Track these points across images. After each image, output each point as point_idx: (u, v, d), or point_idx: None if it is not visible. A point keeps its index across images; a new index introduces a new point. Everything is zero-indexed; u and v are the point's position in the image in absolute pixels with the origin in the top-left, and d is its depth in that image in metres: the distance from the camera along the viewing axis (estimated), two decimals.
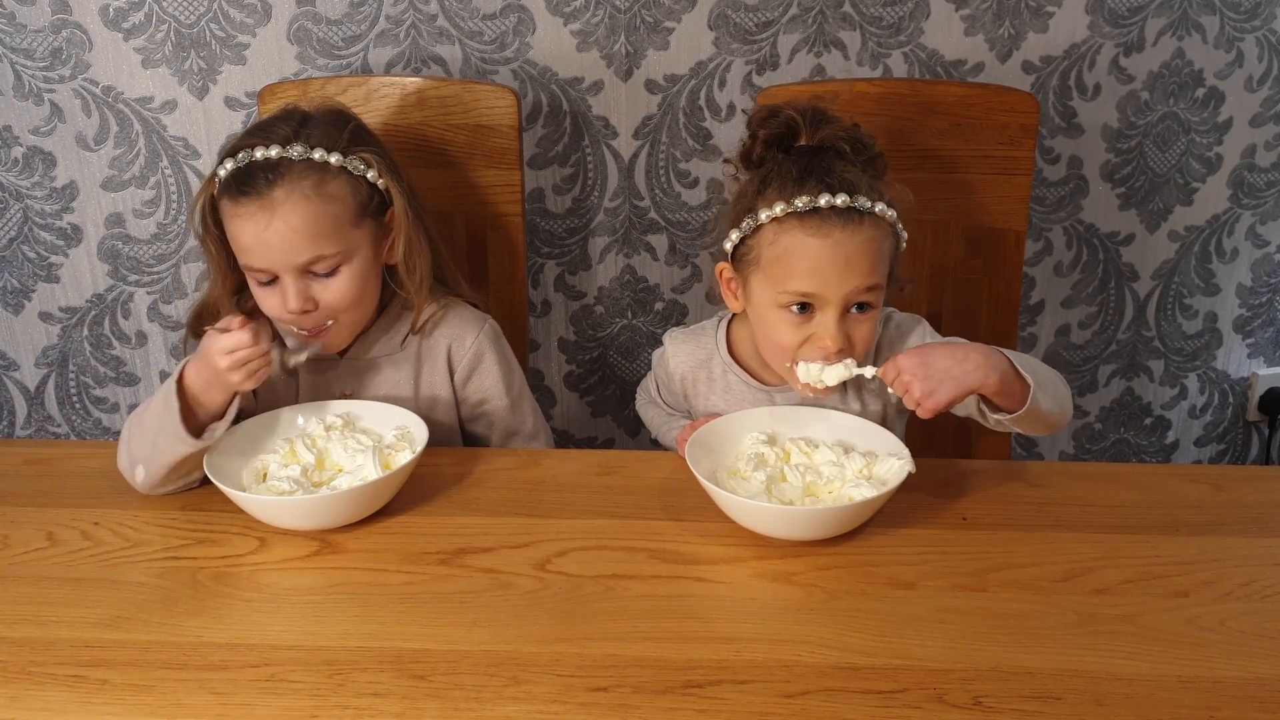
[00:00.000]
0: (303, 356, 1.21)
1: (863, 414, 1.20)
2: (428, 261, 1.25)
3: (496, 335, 1.32)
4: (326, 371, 1.29)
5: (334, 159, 1.17)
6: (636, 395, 1.41)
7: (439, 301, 1.29)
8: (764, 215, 1.12)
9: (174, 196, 1.66)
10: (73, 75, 1.59)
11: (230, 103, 1.61)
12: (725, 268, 1.19)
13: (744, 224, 1.14)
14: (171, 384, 1.11)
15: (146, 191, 1.66)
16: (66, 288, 1.72)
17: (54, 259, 1.70)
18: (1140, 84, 1.66)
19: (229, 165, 1.16)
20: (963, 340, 1.20)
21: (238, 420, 1.16)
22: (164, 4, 1.55)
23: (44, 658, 0.91)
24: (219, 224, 1.19)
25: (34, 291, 1.73)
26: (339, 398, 1.26)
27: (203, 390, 1.11)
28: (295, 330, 1.22)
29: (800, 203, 1.09)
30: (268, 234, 1.14)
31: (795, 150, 1.15)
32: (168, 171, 1.65)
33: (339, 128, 1.21)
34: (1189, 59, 1.65)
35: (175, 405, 1.10)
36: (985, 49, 1.62)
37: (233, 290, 1.24)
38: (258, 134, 1.19)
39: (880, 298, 1.14)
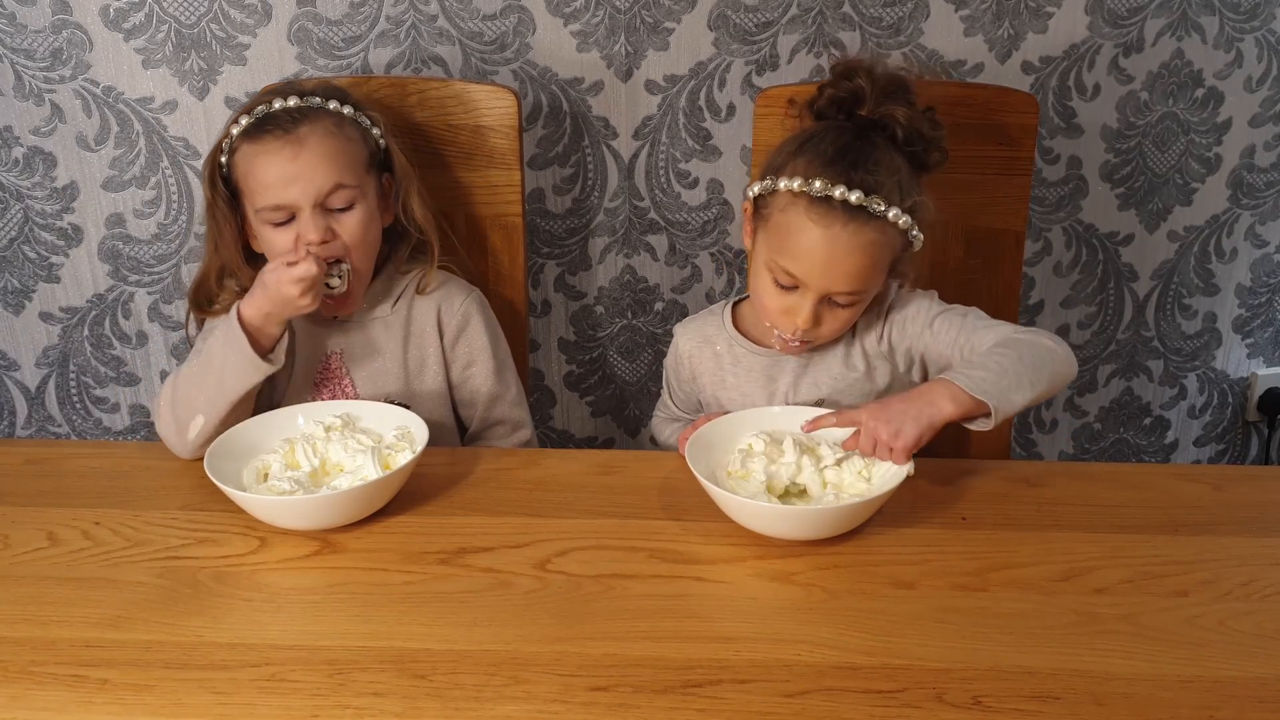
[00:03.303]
0: (335, 283, 1.25)
1: (866, 377, 1.22)
2: (434, 211, 1.35)
3: (483, 302, 1.39)
4: (320, 332, 1.34)
5: (346, 110, 1.28)
6: (654, 414, 1.42)
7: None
8: (783, 183, 1.13)
9: (174, 197, 1.67)
10: (73, 75, 1.59)
11: (230, 103, 1.61)
12: (748, 205, 1.21)
13: (767, 180, 1.16)
14: (233, 322, 1.19)
15: (147, 192, 1.66)
16: (67, 288, 1.72)
17: (54, 259, 1.70)
18: (1140, 84, 1.66)
19: (244, 120, 1.25)
20: (962, 306, 1.21)
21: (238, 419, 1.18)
22: (164, 4, 1.55)
23: (44, 658, 0.91)
24: (228, 187, 1.28)
25: (34, 291, 1.73)
26: (330, 357, 1.33)
27: (263, 323, 1.20)
28: None
29: (816, 185, 1.10)
30: (296, 165, 1.22)
31: (855, 117, 1.17)
32: (168, 172, 1.65)
33: (343, 92, 1.32)
34: (1188, 59, 1.65)
35: (243, 339, 1.18)
36: (985, 49, 1.62)
37: (242, 253, 1.31)
38: (269, 94, 1.27)
39: (866, 298, 1.16)
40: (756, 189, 1.18)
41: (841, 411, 1.09)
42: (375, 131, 1.31)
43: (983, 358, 1.11)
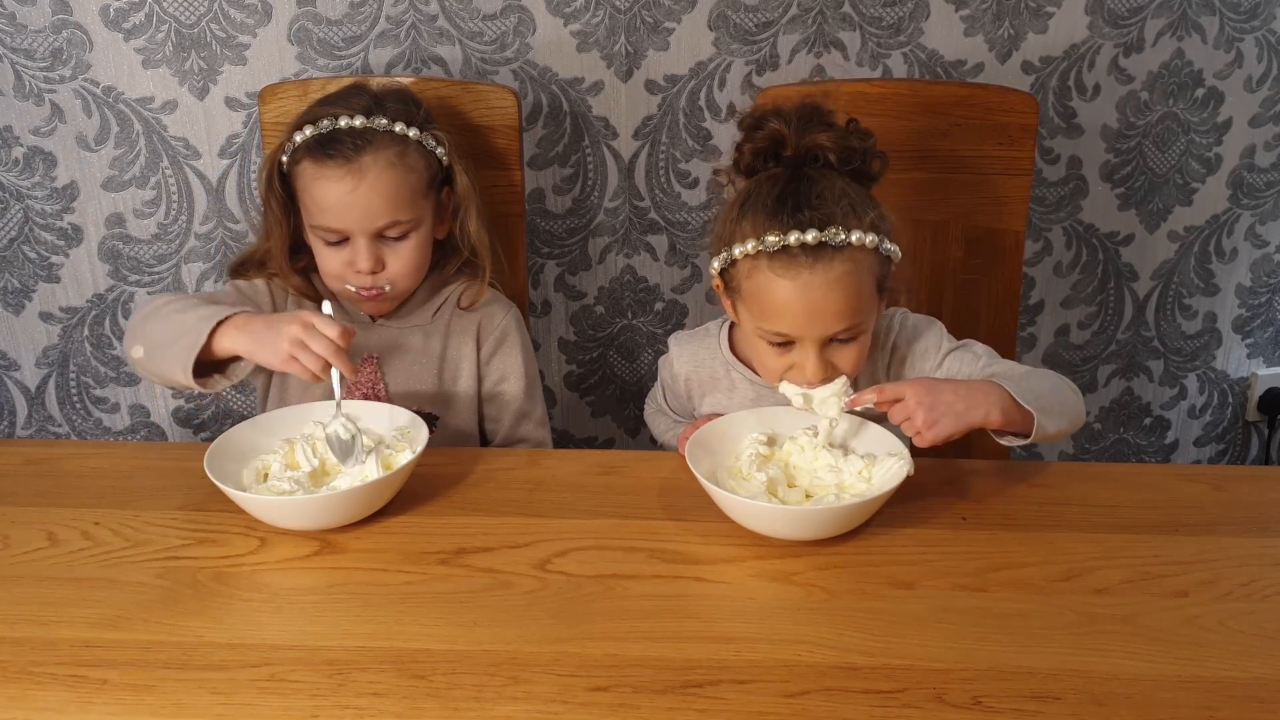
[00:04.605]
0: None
1: (867, 411, 1.20)
2: (489, 231, 1.34)
3: (520, 321, 1.40)
4: (358, 334, 1.33)
5: (412, 133, 1.26)
6: (645, 405, 1.42)
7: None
8: (737, 250, 1.11)
9: (174, 197, 1.67)
10: (73, 75, 1.59)
11: (231, 103, 1.61)
12: (719, 283, 1.18)
13: (722, 253, 1.13)
14: (213, 318, 1.12)
15: (147, 192, 1.66)
16: (67, 288, 1.72)
17: (54, 259, 1.70)
18: (1140, 84, 1.66)
19: (309, 131, 1.24)
20: (975, 343, 1.21)
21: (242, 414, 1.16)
22: (164, 4, 1.55)
23: (44, 658, 0.91)
24: (283, 185, 1.27)
25: (34, 291, 1.73)
26: (366, 359, 1.33)
27: (244, 341, 1.12)
28: (350, 290, 1.28)
29: (770, 240, 1.08)
30: (354, 196, 1.22)
31: (783, 160, 1.13)
32: (168, 172, 1.65)
33: (415, 105, 1.30)
34: (1188, 59, 1.65)
35: (196, 348, 1.11)
36: (985, 49, 1.62)
37: (288, 249, 1.31)
38: (336, 104, 1.26)
39: (866, 326, 1.13)
40: (716, 264, 1.15)
41: (884, 387, 1.06)
42: (440, 151, 1.29)
43: (1029, 375, 1.10)
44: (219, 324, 1.13)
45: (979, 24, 1.60)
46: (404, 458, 1.10)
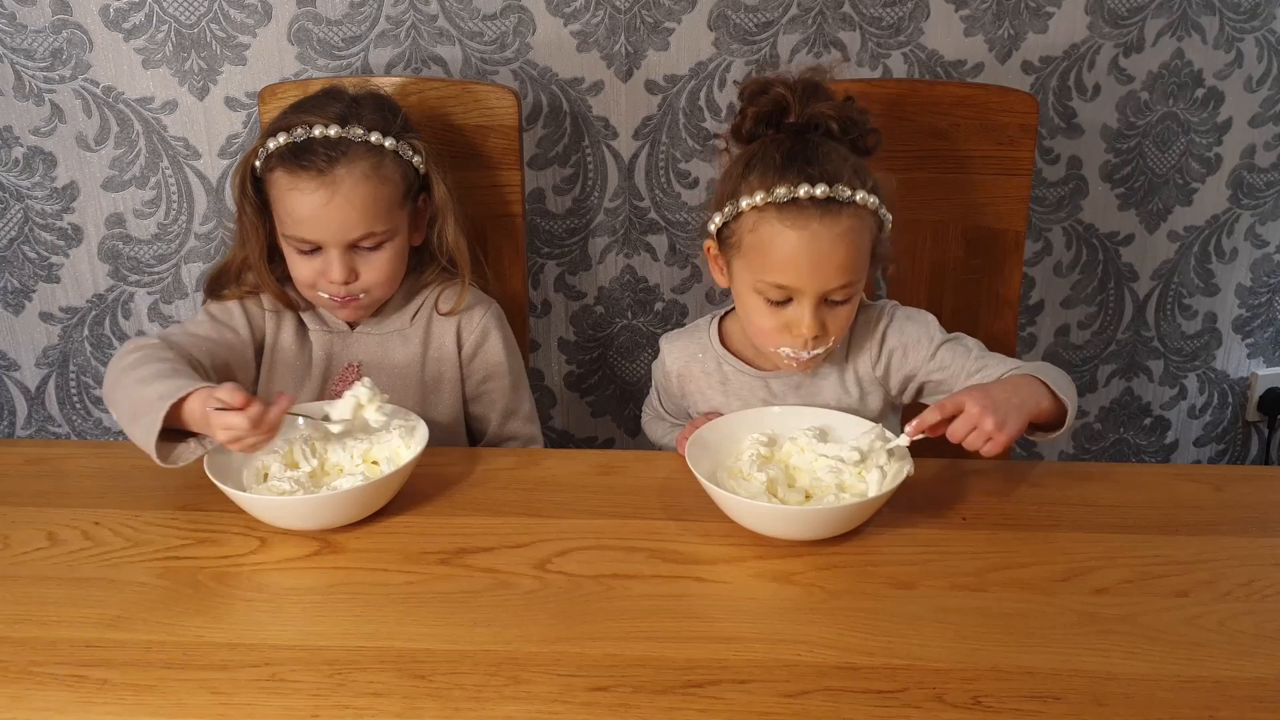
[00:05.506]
0: (336, 429, 1.14)
1: (860, 402, 1.21)
2: (469, 237, 1.33)
3: (501, 316, 1.38)
4: (338, 343, 1.33)
5: (388, 143, 1.24)
6: (642, 413, 1.42)
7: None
8: (744, 202, 1.13)
9: (174, 197, 1.67)
10: (73, 75, 1.59)
11: (231, 103, 1.61)
12: (711, 245, 1.20)
13: (726, 208, 1.15)
14: (169, 398, 1.06)
15: (147, 192, 1.66)
16: (67, 288, 1.72)
17: (54, 259, 1.70)
18: (1140, 84, 1.66)
19: (282, 138, 1.21)
20: (966, 336, 1.21)
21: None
22: (164, 4, 1.55)
23: (44, 658, 0.91)
24: (257, 191, 1.25)
25: (34, 291, 1.73)
26: (348, 369, 1.32)
27: (197, 423, 1.07)
28: (323, 299, 1.27)
29: (780, 192, 1.10)
30: (328, 209, 1.20)
31: (784, 127, 1.16)
32: (168, 172, 1.65)
33: (392, 113, 1.28)
34: (1188, 59, 1.65)
35: (156, 427, 1.05)
36: (985, 49, 1.62)
37: (264, 254, 1.29)
38: (311, 111, 1.24)
39: (859, 289, 1.16)
40: (718, 219, 1.16)
41: (942, 403, 1.05)
42: (416, 159, 1.27)
43: (1039, 368, 1.11)
44: (177, 403, 1.06)
45: (979, 24, 1.60)
46: (404, 458, 1.10)
